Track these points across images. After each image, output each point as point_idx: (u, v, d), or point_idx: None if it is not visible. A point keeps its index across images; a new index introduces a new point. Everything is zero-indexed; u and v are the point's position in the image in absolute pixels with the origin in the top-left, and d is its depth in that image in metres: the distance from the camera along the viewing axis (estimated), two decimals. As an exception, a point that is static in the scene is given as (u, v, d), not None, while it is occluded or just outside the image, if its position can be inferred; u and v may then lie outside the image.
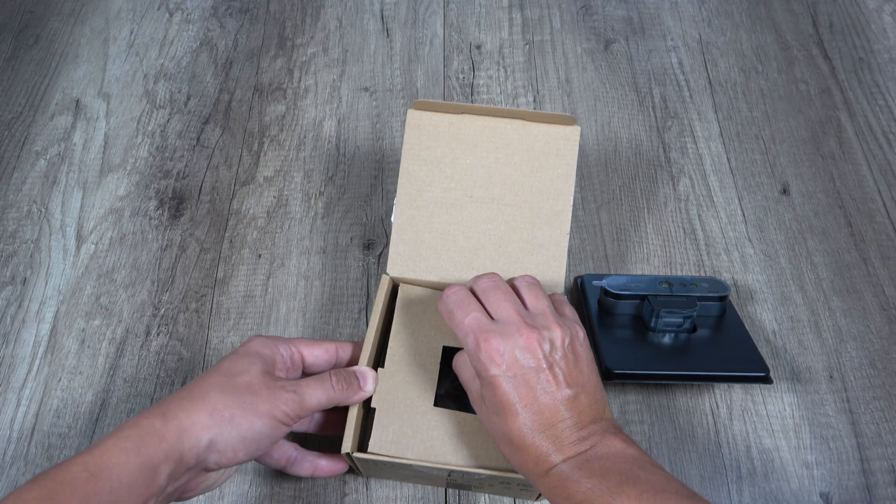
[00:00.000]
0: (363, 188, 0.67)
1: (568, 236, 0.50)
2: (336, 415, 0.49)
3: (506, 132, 0.51)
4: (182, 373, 0.57)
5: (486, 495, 0.52)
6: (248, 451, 0.40)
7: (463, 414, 0.46)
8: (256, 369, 0.42)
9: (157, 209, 0.66)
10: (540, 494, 0.48)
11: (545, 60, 0.76)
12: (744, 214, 0.65)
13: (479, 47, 0.78)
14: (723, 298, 0.56)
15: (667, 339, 0.55)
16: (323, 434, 0.50)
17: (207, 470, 0.40)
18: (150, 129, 0.71)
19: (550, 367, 0.40)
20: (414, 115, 0.51)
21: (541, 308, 0.42)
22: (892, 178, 0.68)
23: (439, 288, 0.51)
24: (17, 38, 0.78)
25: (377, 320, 0.48)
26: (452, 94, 0.74)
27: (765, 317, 0.60)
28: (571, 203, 0.50)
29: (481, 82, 0.75)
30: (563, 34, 0.79)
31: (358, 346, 0.48)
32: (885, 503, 0.51)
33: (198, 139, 0.71)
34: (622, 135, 0.71)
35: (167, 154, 0.69)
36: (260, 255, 0.63)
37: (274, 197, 0.67)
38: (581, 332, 0.42)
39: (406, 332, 0.49)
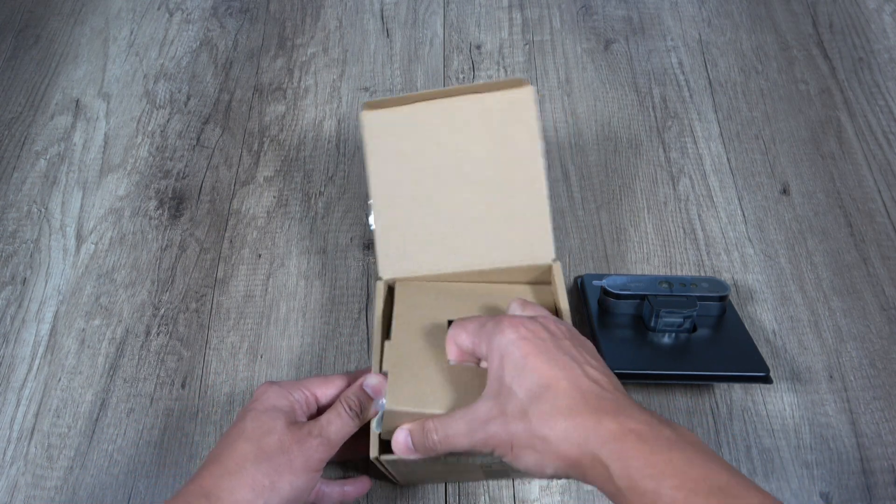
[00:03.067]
0: (363, 188, 0.67)
1: (548, 200, 0.48)
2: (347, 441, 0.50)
3: (462, 110, 0.50)
4: (182, 373, 0.57)
5: (486, 495, 0.52)
6: None
7: (484, 368, 0.44)
8: (281, 425, 0.43)
9: (157, 209, 0.66)
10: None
11: (545, 60, 0.76)
12: (744, 214, 0.65)
13: (479, 47, 0.78)
14: (723, 298, 0.56)
15: (667, 339, 0.55)
16: (339, 461, 0.51)
17: None
18: (150, 129, 0.71)
19: (571, 341, 0.39)
20: (368, 116, 0.51)
21: (539, 311, 0.43)
22: (892, 178, 0.68)
23: (431, 279, 0.51)
24: (17, 38, 0.78)
25: (379, 327, 0.47)
26: (452, 94, 0.74)
27: (765, 317, 0.60)
28: (543, 167, 0.49)
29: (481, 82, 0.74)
30: (563, 34, 0.79)
31: (364, 395, 0.47)
32: (885, 503, 0.51)
33: (198, 139, 0.71)
34: (622, 135, 0.71)
35: (167, 154, 0.69)
36: (260, 255, 0.63)
37: (274, 197, 0.67)
38: (585, 340, 0.41)
39: (409, 310, 0.48)
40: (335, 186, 0.67)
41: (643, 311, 0.56)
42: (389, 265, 0.50)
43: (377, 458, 0.42)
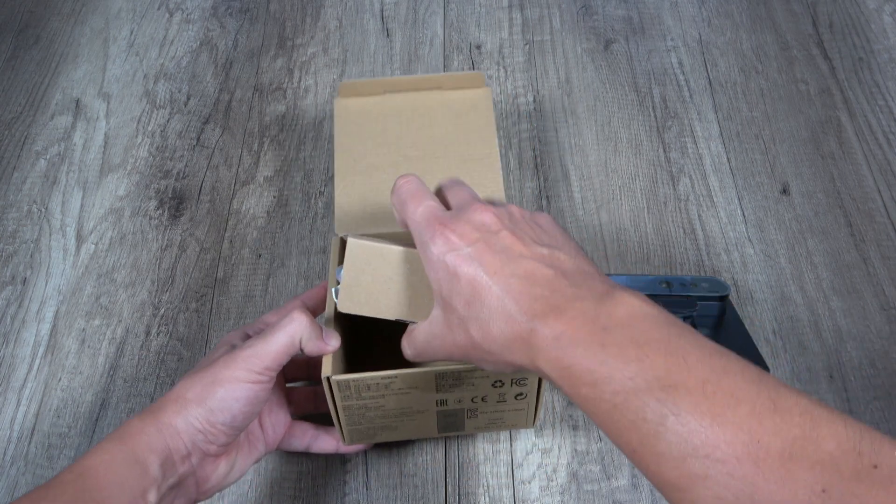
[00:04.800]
0: (363, 188, 0.67)
1: (501, 175, 0.54)
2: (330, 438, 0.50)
3: (426, 102, 0.57)
4: (182, 373, 0.57)
5: (486, 495, 0.52)
6: (227, 421, 0.40)
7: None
8: (221, 350, 0.43)
9: (157, 209, 0.66)
10: (536, 412, 0.47)
11: (545, 60, 0.76)
12: (744, 214, 0.65)
13: (479, 47, 0.78)
14: (723, 298, 0.56)
15: (667, 339, 0.55)
16: (298, 413, 0.51)
17: (209, 453, 0.40)
18: (150, 129, 0.71)
19: (512, 231, 0.35)
20: (339, 103, 0.57)
21: (501, 201, 0.40)
22: (892, 178, 0.68)
23: (389, 237, 0.51)
24: (17, 38, 0.78)
25: (333, 275, 0.47)
26: (452, 94, 0.74)
27: (765, 317, 0.60)
28: (497, 146, 0.55)
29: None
30: (563, 34, 0.79)
31: (321, 292, 0.50)
32: None
33: (198, 139, 0.71)
34: (622, 135, 0.71)
35: (167, 154, 0.69)
36: (260, 255, 0.63)
37: (274, 197, 0.67)
38: (547, 215, 0.38)
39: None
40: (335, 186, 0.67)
41: (643, 311, 0.56)
42: (346, 222, 0.53)
43: (328, 379, 0.41)
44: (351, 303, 0.41)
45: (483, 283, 0.33)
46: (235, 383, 0.40)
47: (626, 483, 0.52)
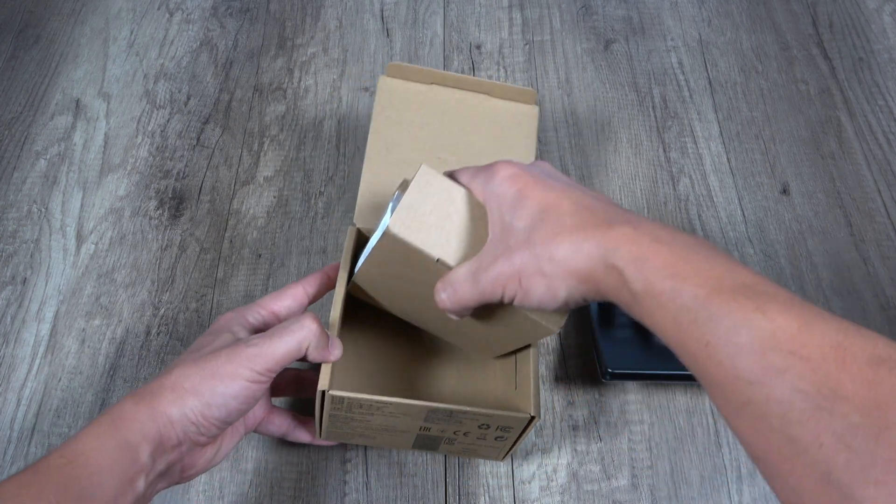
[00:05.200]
0: (363, 188, 0.67)
1: None
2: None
3: (472, 105, 0.54)
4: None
5: (486, 495, 0.52)
6: (222, 417, 0.39)
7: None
8: (224, 338, 0.42)
9: (157, 209, 0.66)
10: (509, 451, 0.47)
11: (545, 60, 0.76)
12: (744, 214, 0.65)
13: (479, 47, 0.78)
14: (723, 298, 0.56)
15: (667, 338, 0.55)
16: (279, 395, 0.50)
17: (198, 444, 0.40)
18: (150, 129, 0.71)
19: (548, 174, 0.39)
20: (385, 82, 0.54)
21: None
22: (892, 178, 0.68)
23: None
24: (17, 38, 0.78)
25: (345, 272, 0.47)
26: (452, 94, 0.74)
27: (765, 317, 0.60)
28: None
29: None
30: (563, 34, 0.79)
31: (322, 277, 0.48)
32: None
33: (198, 139, 0.71)
34: (622, 135, 0.71)
35: (167, 154, 0.69)
36: (260, 255, 0.63)
37: (274, 197, 0.67)
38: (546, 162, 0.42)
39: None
40: (335, 186, 0.67)
41: (643, 311, 0.56)
42: (367, 214, 0.51)
43: (323, 392, 0.41)
44: (403, 227, 0.38)
45: (554, 198, 0.35)
46: (236, 380, 0.39)
47: (626, 483, 0.52)
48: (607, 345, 0.54)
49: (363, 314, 0.52)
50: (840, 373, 0.25)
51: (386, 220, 0.39)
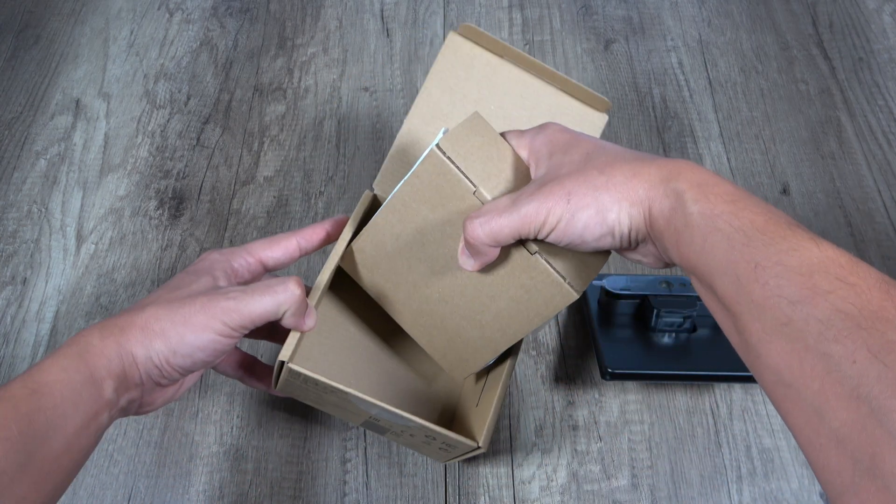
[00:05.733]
0: (363, 188, 0.67)
1: None
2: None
3: (537, 94, 0.49)
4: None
5: (486, 495, 0.52)
6: (186, 366, 0.38)
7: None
8: (203, 282, 0.41)
9: (157, 209, 0.66)
10: (453, 460, 0.47)
11: (545, 60, 0.76)
12: (744, 214, 0.65)
13: (479, 47, 0.78)
14: (723, 298, 0.56)
15: (667, 338, 0.55)
16: (253, 337, 0.48)
17: (160, 385, 0.39)
18: (150, 129, 0.71)
19: None
20: (454, 40, 0.49)
21: None
22: (892, 178, 0.68)
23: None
24: (17, 38, 0.78)
25: (349, 232, 0.46)
26: (452, 94, 0.74)
27: (765, 317, 0.60)
28: None
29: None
30: (563, 34, 0.79)
31: (321, 233, 0.46)
32: None
33: (198, 139, 0.71)
34: (622, 135, 0.71)
35: (167, 154, 0.69)
36: (260, 255, 0.63)
37: (274, 197, 0.67)
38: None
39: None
40: (335, 186, 0.67)
41: (643, 310, 0.56)
42: (388, 181, 0.48)
43: (282, 364, 0.40)
44: (451, 148, 0.38)
45: (606, 143, 0.37)
46: (206, 332, 0.38)
47: (626, 483, 0.52)
48: (607, 345, 0.54)
49: (348, 288, 0.51)
50: (884, 300, 0.26)
51: (430, 149, 0.38)
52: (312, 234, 0.46)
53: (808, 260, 0.28)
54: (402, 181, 0.41)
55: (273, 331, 0.48)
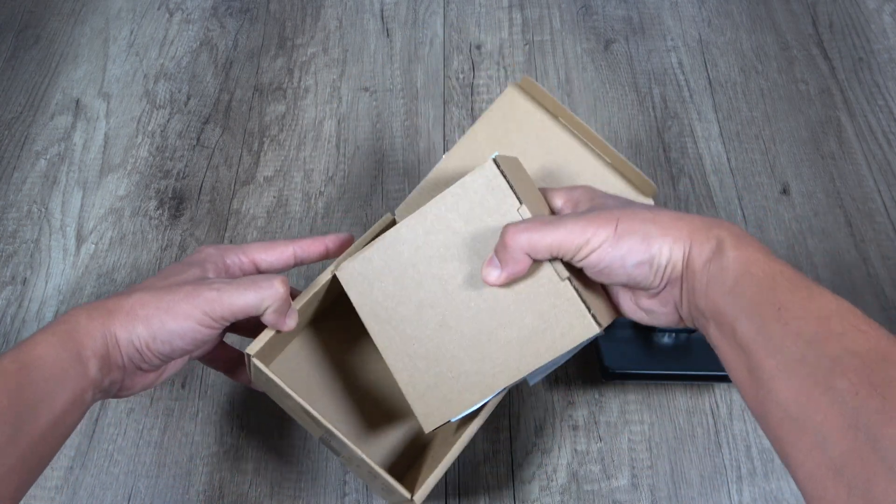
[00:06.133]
0: (363, 188, 0.67)
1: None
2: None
3: (584, 162, 0.49)
4: (182, 372, 0.57)
5: (486, 495, 0.52)
6: (165, 352, 0.39)
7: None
8: (192, 273, 0.42)
9: (157, 209, 0.66)
10: (392, 499, 0.45)
11: (545, 60, 0.76)
12: (744, 214, 0.65)
13: (479, 47, 0.78)
14: (723, 298, 0.56)
15: (667, 338, 0.55)
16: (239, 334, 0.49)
17: (141, 369, 0.40)
18: (150, 129, 0.71)
19: None
20: (511, 93, 0.50)
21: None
22: (892, 178, 0.68)
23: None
24: (17, 38, 0.78)
25: (355, 249, 0.46)
26: (452, 94, 0.74)
27: (765, 317, 0.60)
28: None
29: (481, 82, 0.75)
30: (563, 34, 0.79)
31: (319, 246, 0.47)
32: None
33: (198, 139, 0.71)
34: (622, 135, 0.71)
35: (167, 154, 0.69)
36: (260, 255, 0.63)
37: (274, 197, 0.67)
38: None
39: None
40: (335, 186, 0.67)
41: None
42: (411, 211, 0.47)
43: (249, 356, 0.41)
44: (505, 165, 0.39)
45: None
46: (187, 321, 0.39)
47: (626, 483, 0.52)
48: (607, 345, 0.54)
49: (336, 321, 0.51)
50: (891, 346, 0.28)
51: (485, 163, 0.39)
52: (311, 246, 0.47)
53: (827, 306, 0.31)
54: (437, 196, 0.41)
55: (258, 329, 0.47)
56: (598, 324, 0.38)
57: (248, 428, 0.55)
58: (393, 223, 0.49)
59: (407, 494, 0.40)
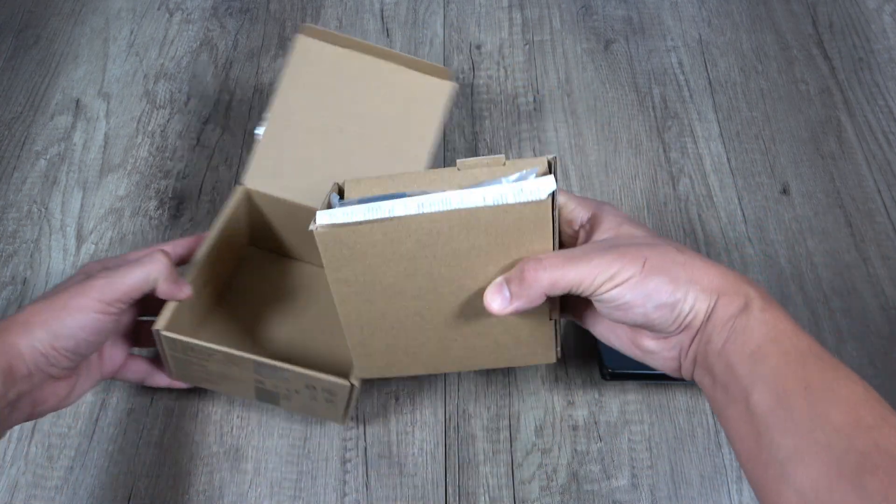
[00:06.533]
0: (363, 188, 0.67)
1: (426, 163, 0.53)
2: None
3: (385, 74, 0.54)
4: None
5: (486, 495, 0.52)
6: (70, 347, 0.41)
7: None
8: (77, 278, 0.44)
9: (157, 209, 0.66)
10: (346, 414, 0.48)
11: (545, 60, 0.76)
12: (744, 214, 0.65)
13: (479, 47, 0.78)
14: (723, 298, 0.56)
15: (667, 339, 0.55)
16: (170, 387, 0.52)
17: (51, 375, 0.41)
18: (150, 129, 0.71)
19: None
20: (302, 41, 0.54)
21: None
22: (892, 178, 0.68)
23: (292, 206, 0.53)
24: (17, 38, 0.78)
25: (217, 231, 0.49)
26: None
27: (765, 317, 0.60)
28: (431, 150, 0.53)
29: (481, 82, 0.75)
30: (563, 34, 0.79)
31: (192, 244, 0.49)
32: (885, 503, 0.51)
33: (198, 139, 0.71)
34: (622, 135, 0.71)
35: (167, 154, 0.69)
36: (260, 255, 0.63)
37: (274, 197, 0.67)
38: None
39: None
40: (335, 186, 0.67)
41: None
42: (258, 177, 0.52)
43: (157, 331, 0.42)
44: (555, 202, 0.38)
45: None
46: (84, 312, 0.40)
47: (626, 483, 0.52)
48: (607, 345, 0.54)
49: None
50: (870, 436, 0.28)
51: (543, 196, 0.35)
52: (182, 242, 0.50)
53: (856, 393, 0.30)
54: (476, 199, 0.35)
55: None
56: (558, 357, 0.41)
57: (248, 428, 0.55)
58: (245, 193, 0.53)
59: (346, 383, 0.42)
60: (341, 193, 0.42)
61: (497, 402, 0.56)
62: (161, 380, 0.51)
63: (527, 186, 0.35)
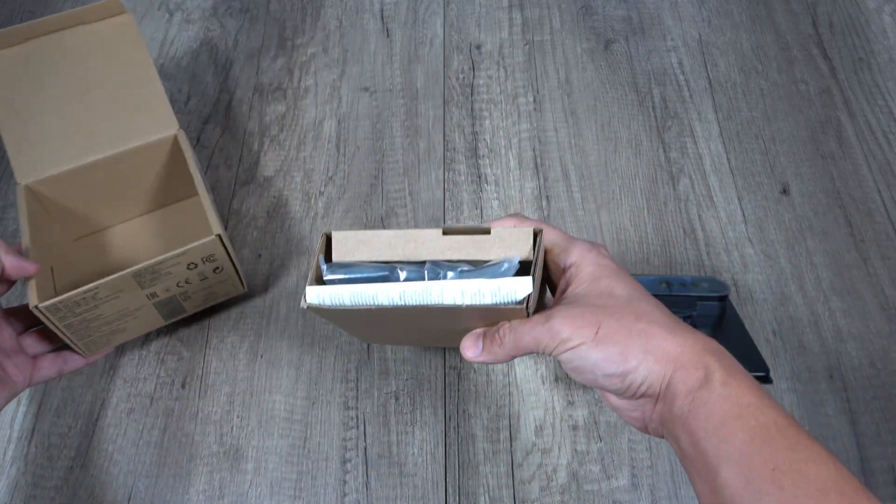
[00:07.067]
0: (363, 188, 0.67)
1: (164, 92, 0.58)
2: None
3: (72, 40, 0.57)
4: (182, 373, 0.57)
5: (486, 495, 0.52)
6: None
7: None
8: None
9: (157, 209, 0.66)
10: (241, 279, 0.51)
11: (545, 60, 0.76)
12: (744, 214, 0.65)
13: (479, 47, 0.78)
14: (723, 298, 0.56)
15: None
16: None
17: None
18: (150, 129, 0.71)
19: None
20: None
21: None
22: (892, 178, 0.68)
23: (76, 174, 0.55)
24: (17, 38, 0.78)
25: (29, 239, 0.50)
26: (452, 94, 0.74)
27: (765, 317, 0.60)
28: (155, 71, 0.58)
29: (481, 82, 0.75)
30: (563, 34, 0.79)
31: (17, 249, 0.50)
32: (884, 503, 0.51)
33: (198, 139, 0.71)
34: (622, 135, 0.71)
35: (167, 154, 0.69)
36: (260, 255, 0.63)
37: (274, 197, 0.67)
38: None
39: None
40: (335, 186, 0.67)
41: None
42: (27, 167, 0.54)
43: (37, 308, 0.43)
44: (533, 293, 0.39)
45: (646, 291, 0.37)
46: None
47: (626, 483, 0.52)
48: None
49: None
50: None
51: (521, 298, 0.36)
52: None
53: (826, 475, 0.29)
54: (454, 293, 0.37)
55: (63, 361, 0.51)
56: None
57: (248, 428, 0.55)
58: (26, 192, 0.53)
59: (212, 236, 0.46)
60: (329, 243, 0.41)
61: (497, 401, 0.56)
62: (76, 362, 0.51)
63: (504, 286, 0.36)
